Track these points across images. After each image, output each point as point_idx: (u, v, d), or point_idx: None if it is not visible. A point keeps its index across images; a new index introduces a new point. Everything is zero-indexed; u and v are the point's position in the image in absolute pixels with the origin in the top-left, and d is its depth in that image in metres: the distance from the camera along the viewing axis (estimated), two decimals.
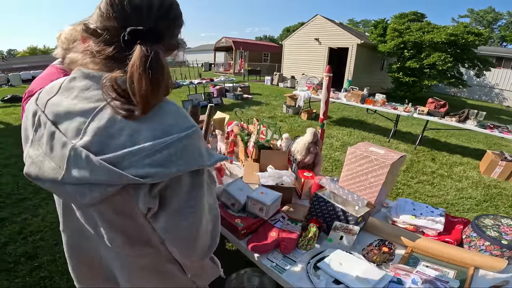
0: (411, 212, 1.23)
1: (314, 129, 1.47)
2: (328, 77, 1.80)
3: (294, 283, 0.91)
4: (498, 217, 1.16)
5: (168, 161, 0.47)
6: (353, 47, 12.07)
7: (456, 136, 6.08)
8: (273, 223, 1.18)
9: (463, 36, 9.89)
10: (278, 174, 1.33)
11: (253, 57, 19.15)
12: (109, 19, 0.50)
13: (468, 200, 3.26)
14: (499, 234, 1.05)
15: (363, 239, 1.11)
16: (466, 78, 12.33)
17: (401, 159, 1.17)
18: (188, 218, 0.54)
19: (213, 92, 8.62)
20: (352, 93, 5.66)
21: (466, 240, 1.11)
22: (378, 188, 1.13)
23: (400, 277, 0.89)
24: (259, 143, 1.62)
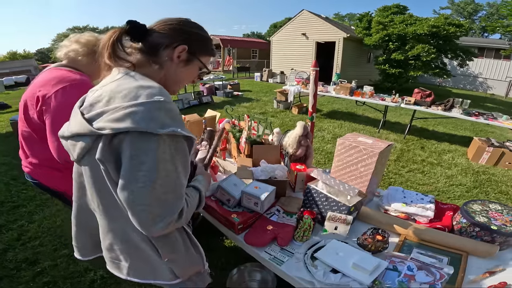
0: (401, 200, 1.26)
1: (304, 122, 1.49)
2: (315, 71, 1.83)
3: (293, 274, 0.93)
4: (486, 203, 1.18)
5: (121, 119, 0.58)
6: (340, 41, 12.18)
7: (443, 124, 6.23)
8: (269, 216, 1.20)
9: (445, 28, 10.12)
10: (271, 168, 1.35)
11: (242, 54, 19.07)
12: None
13: (459, 187, 3.33)
14: (488, 219, 1.07)
15: (358, 229, 1.13)
16: (450, 68, 12.62)
17: (389, 148, 1.20)
18: (139, 181, 0.59)
19: (203, 91, 8.55)
20: (340, 86, 5.73)
21: (457, 226, 1.12)
22: (368, 177, 1.17)
23: (395, 265, 0.91)
24: (250, 138, 1.63)
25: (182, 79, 0.77)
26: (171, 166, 0.63)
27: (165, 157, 0.61)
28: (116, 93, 0.62)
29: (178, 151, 0.64)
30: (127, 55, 0.70)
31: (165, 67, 0.72)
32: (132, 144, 0.59)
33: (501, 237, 1.01)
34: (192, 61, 0.75)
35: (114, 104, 0.61)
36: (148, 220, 0.62)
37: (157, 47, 0.70)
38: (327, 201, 1.11)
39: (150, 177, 0.59)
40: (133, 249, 0.76)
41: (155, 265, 0.78)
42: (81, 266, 1.82)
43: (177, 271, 0.81)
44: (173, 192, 0.64)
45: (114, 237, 0.76)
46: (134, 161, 0.59)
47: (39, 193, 2.71)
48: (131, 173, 0.59)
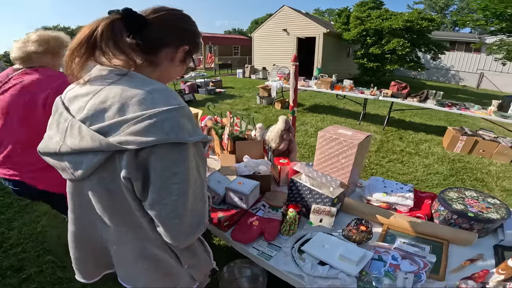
0: (382, 190, 1.30)
1: (286, 116, 1.50)
2: (295, 66, 1.84)
3: (281, 268, 0.94)
4: (462, 190, 1.22)
5: (147, 131, 0.51)
6: (320, 36, 12.34)
7: (419, 115, 6.50)
8: (255, 212, 1.20)
9: (418, 22, 10.52)
10: (255, 164, 1.35)
11: (223, 51, 18.86)
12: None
13: (436, 175, 3.47)
14: (465, 207, 1.09)
15: (343, 220, 1.15)
16: (424, 61, 13.15)
17: (368, 139, 1.23)
18: (173, 194, 0.56)
19: (184, 89, 8.40)
20: (321, 81, 5.82)
21: (436, 214, 1.15)
22: (349, 168, 1.19)
23: (380, 255, 0.93)
24: (233, 135, 1.62)
25: (174, 76, 0.74)
26: (197, 174, 0.60)
27: (193, 165, 0.58)
28: (126, 99, 0.54)
29: (200, 157, 0.61)
30: (122, 50, 0.59)
31: (161, 66, 0.66)
32: (163, 157, 0.54)
33: (478, 224, 1.03)
34: (187, 59, 0.71)
35: (131, 113, 0.53)
36: (182, 232, 0.60)
37: (157, 45, 0.64)
38: (310, 194, 1.13)
39: (183, 188, 0.57)
40: (154, 263, 0.72)
41: (176, 274, 0.76)
42: (69, 272, 1.77)
43: (196, 275, 0.80)
44: (201, 200, 0.63)
45: (132, 255, 0.71)
46: (166, 173, 0.55)
47: (17, 199, 2.62)
48: (164, 186, 0.55)
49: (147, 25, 0.61)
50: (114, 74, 0.60)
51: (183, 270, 0.76)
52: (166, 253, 0.72)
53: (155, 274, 0.73)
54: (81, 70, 0.60)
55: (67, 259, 1.99)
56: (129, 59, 0.60)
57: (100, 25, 0.56)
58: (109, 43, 0.57)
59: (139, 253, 0.70)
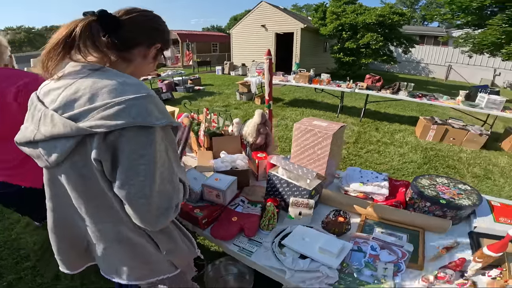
0: (359, 179, 1.31)
1: (262, 110, 1.49)
2: (269, 60, 1.83)
3: (263, 263, 0.94)
4: (433, 177, 1.23)
5: (116, 115, 0.55)
6: (298, 31, 12.43)
7: (393, 107, 6.75)
8: (234, 208, 1.18)
9: (390, 17, 10.90)
10: (232, 159, 1.33)
11: (202, 48, 18.50)
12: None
13: (411, 164, 3.60)
14: (437, 193, 1.09)
15: (322, 212, 1.15)
16: (396, 55, 13.67)
17: (342, 129, 1.25)
18: (140, 174, 0.59)
19: (161, 88, 8.15)
20: (300, 75, 5.89)
21: (410, 202, 1.16)
22: (325, 159, 1.20)
23: (359, 245, 0.94)
24: (209, 131, 1.59)
25: (147, 71, 0.78)
26: (166, 156, 0.63)
27: (161, 148, 0.62)
28: (97, 89, 0.58)
29: (170, 141, 0.65)
30: (97, 49, 0.64)
31: (134, 62, 0.72)
32: (131, 139, 0.58)
33: (451, 211, 1.04)
34: (158, 56, 0.77)
35: (100, 101, 0.57)
36: (151, 214, 0.62)
37: (131, 44, 0.68)
38: (288, 187, 1.12)
39: (150, 169, 0.59)
40: (131, 248, 0.74)
41: (155, 261, 0.78)
42: (48, 278, 1.74)
43: (176, 261, 0.83)
44: (170, 183, 0.65)
45: (109, 240, 0.73)
46: (133, 155, 0.58)
47: None
48: (131, 167, 0.59)
49: (121, 25, 0.65)
50: (87, 69, 0.63)
51: (162, 257, 0.78)
52: (143, 238, 0.74)
53: (133, 262, 0.75)
54: (56, 68, 0.63)
55: (46, 264, 1.89)
56: (104, 56, 0.66)
57: (78, 26, 0.60)
58: (86, 42, 0.62)
59: (114, 238, 0.72)
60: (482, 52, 8.56)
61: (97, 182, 0.63)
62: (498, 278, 0.83)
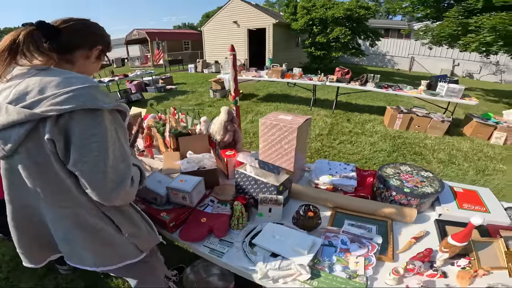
0: (328, 172, 1.31)
1: (228, 107, 1.45)
2: (233, 55, 1.80)
3: (235, 264, 0.92)
4: (397, 165, 1.24)
5: (65, 101, 0.62)
6: (270, 27, 12.42)
7: (363, 98, 6.99)
8: (203, 209, 1.14)
9: (356, 11, 11.24)
10: (198, 158, 1.28)
11: (173, 47, 17.91)
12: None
13: (381, 152, 3.72)
14: (401, 182, 1.10)
15: (293, 207, 1.13)
16: (364, 48, 14.16)
17: (307, 122, 1.24)
18: (93, 150, 0.64)
19: (130, 88, 7.79)
20: (272, 70, 5.90)
21: (377, 192, 1.16)
22: (292, 153, 1.19)
23: (330, 240, 0.93)
24: (175, 131, 1.52)
25: (92, 71, 0.85)
26: (116, 136, 0.69)
27: (111, 128, 0.67)
28: (45, 83, 0.64)
29: (118, 124, 0.71)
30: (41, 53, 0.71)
31: (77, 64, 0.79)
32: (80, 121, 0.63)
33: (415, 199, 1.05)
34: (101, 57, 0.85)
35: (50, 92, 0.63)
36: (107, 187, 0.67)
37: (72, 47, 0.76)
38: (256, 184, 1.10)
39: (102, 146, 0.65)
40: (93, 232, 0.77)
41: (118, 243, 0.81)
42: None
43: (140, 244, 0.86)
44: (123, 161, 0.70)
45: (69, 225, 0.76)
46: (84, 134, 0.63)
47: None
48: (84, 145, 0.64)
49: (60, 32, 0.73)
50: (34, 70, 0.69)
51: (125, 239, 0.82)
52: (101, 221, 0.77)
53: (95, 245, 0.78)
54: (4, 72, 0.69)
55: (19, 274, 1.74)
56: (49, 59, 0.72)
57: (21, 34, 0.67)
58: (30, 47, 0.69)
59: (74, 222, 0.75)
60: (441, 44, 9.06)
61: (52, 167, 0.67)
62: (467, 268, 0.83)
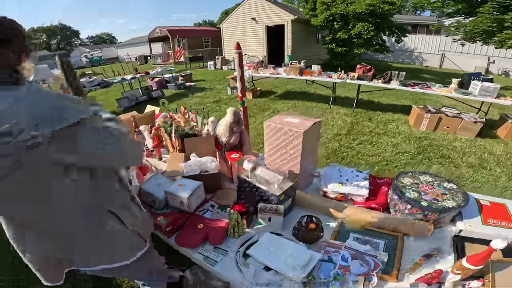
0: (338, 179, 1.21)
1: (234, 108, 1.38)
2: (238, 54, 1.72)
3: (226, 274, 0.87)
4: (416, 174, 1.11)
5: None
6: (288, 23, 12.21)
7: (387, 96, 6.64)
8: (202, 213, 1.10)
9: (380, 6, 10.69)
10: (200, 162, 1.23)
11: (193, 44, 18.21)
12: None
13: (404, 154, 3.48)
14: (419, 194, 0.99)
15: (296, 216, 1.05)
16: (389, 44, 13.51)
17: (316, 125, 1.15)
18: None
19: (151, 86, 7.99)
20: (290, 67, 5.77)
21: (391, 203, 1.05)
22: (298, 159, 1.10)
23: (330, 255, 0.85)
24: (181, 132, 1.49)
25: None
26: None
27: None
28: None
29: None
30: None
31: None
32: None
33: (433, 214, 0.94)
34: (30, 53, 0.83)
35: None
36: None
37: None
38: (257, 192, 1.03)
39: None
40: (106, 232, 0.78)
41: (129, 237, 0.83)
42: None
43: (142, 233, 0.88)
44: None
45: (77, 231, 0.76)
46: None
47: None
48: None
49: None
50: None
51: (130, 232, 0.84)
52: (111, 219, 0.78)
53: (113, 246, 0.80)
54: None
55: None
56: None
57: None
58: None
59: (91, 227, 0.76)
60: (475, 40, 8.41)
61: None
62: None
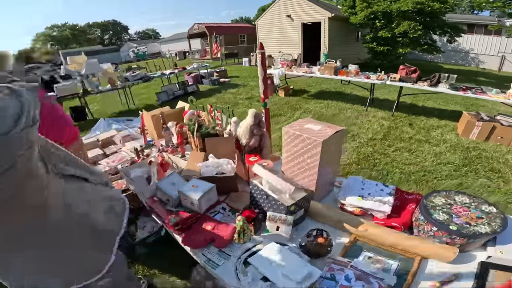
0: (359, 192, 1.12)
1: (255, 110, 1.35)
2: (261, 54, 1.67)
3: (225, 278, 0.87)
4: (451, 194, 1.01)
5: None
6: (325, 21, 11.77)
7: (434, 99, 6.05)
8: (213, 215, 1.10)
9: (429, 4, 9.80)
10: (217, 164, 1.22)
11: (229, 40, 18.54)
12: None
13: (447, 165, 3.15)
14: (449, 217, 0.90)
15: (308, 227, 1.01)
16: (440, 44, 12.36)
17: (339, 134, 1.05)
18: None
19: (187, 80, 8.32)
20: (325, 66, 5.56)
21: (415, 223, 0.97)
22: (315, 169, 1.03)
23: (333, 273, 0.79)
24: (204, 131, 1.49)
25: None
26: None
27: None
28: None
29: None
30: None
31: None
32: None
33: (461, 239, 0.85)
34: None
35: None
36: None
37: None
38: (268, 199, 0.99)
39: None
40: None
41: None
42: None
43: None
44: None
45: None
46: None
47: None
48: None
49: None
50: None
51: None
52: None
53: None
54: None
55: None
56: None
57: None
58: None
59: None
60: None
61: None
62: None
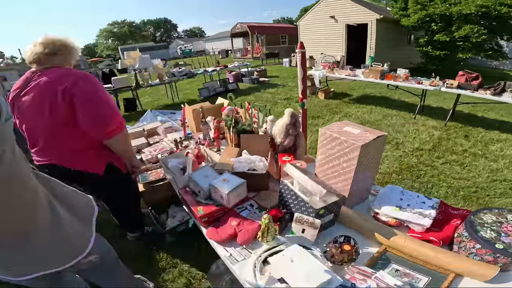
0: (396, 202, 1.05)
1: (292, 110, 1.33)
2: (301, 53, 1.63)
3: (242, 275, 0.87)
4: (504, 212, 0.93)
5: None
6: (372, 22, 11.10)
7: (496, 110, 5.35)
8: (240, 211, 1.12)
9: (495, 8, 8.68)
10: (250, 160, 1.23)
11: (271, 40, 18.62)
12: None
13: (502, 183, 2.82)
14: (497, 235, 0.84)
15: (336, 233, 0.97)
16: (508, 50, 10.88)
17: (380, 139, 0.98)
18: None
19: (228, 78, 8.55)
20: (370, 70, 5.25)
21: (457, 239, 0.91)
22: (351, 174, 0.98)
23: (355, 283, 0.75)
24: (240, 127, 1.52)
25: None
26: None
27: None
28: None
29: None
30: None
31: None
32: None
33: (505, 258, 0.79)
34: None
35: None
36: None
37: None
38: (297, 200, 0.97)
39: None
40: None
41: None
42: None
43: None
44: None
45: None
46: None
47: None
48: None
49: None
50: None
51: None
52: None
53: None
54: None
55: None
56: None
57: None
58: None
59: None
60: None
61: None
62: None
